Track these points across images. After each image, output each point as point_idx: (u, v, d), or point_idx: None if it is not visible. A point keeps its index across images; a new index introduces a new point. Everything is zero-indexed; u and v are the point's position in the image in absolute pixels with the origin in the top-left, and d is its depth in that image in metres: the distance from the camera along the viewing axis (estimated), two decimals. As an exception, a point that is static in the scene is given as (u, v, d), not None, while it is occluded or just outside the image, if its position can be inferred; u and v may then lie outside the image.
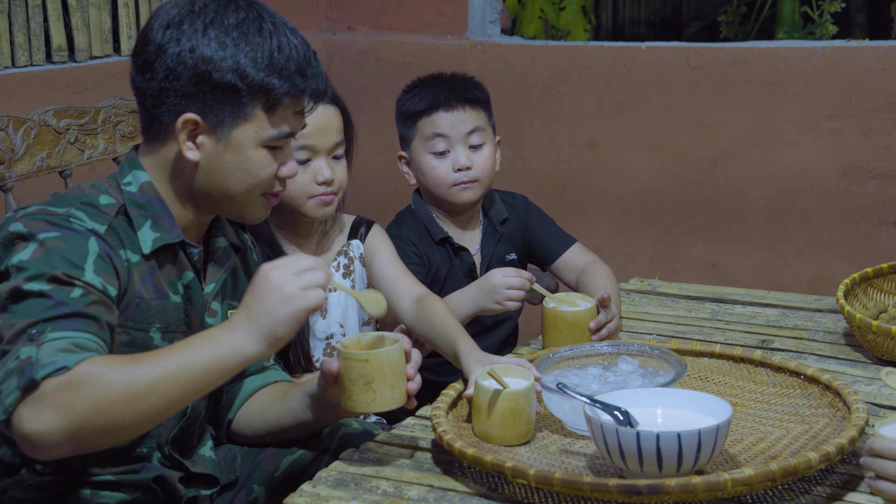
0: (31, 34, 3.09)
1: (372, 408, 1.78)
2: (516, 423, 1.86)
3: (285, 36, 1.79)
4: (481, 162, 2.55)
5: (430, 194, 2.59)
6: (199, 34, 1.75)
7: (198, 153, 1.79)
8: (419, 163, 2.57)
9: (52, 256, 1.65)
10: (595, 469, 1.79)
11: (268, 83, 1.76)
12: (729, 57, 3.57)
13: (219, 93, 1.75)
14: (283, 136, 1.81)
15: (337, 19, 4.07)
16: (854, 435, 1.73)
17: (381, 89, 3.95)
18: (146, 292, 1.79)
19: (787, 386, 2.04)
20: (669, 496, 1.61)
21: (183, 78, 1.75)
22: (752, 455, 1.81)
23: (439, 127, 2.53)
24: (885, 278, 2.48)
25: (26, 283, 1.61)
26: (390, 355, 1.78)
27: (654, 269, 3.74)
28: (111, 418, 1.55)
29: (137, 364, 1.58)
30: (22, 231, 1.68)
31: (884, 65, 3.38)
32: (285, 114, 1.80)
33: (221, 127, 1.77)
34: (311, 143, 2.27)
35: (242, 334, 1.62)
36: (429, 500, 1.71)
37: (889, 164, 3.43)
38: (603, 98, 3.73)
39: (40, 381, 1.53)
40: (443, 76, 2.63)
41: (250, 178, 1.81)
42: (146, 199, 1.81)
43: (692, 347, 2.16)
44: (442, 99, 2.54)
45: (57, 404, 1.52)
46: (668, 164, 3.70)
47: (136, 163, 1.84)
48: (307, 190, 2.28)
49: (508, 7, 4.19)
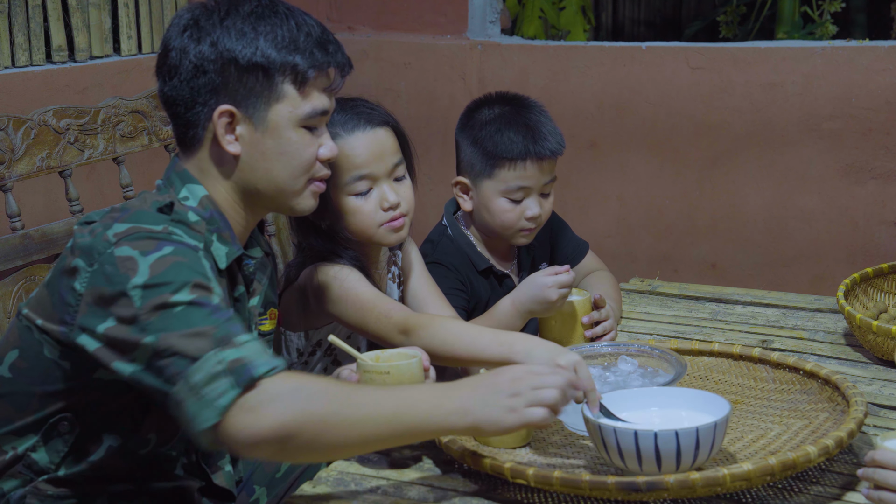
0: (31, 34, 3.09)
1: None
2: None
3: (301, 17, 1.81)
4: (548, 208, 2.50)
5: (487, 227, 2.50)
6: (217, 27, 1.76)
7: (238, 146, 1.78)
8: (488, 201, 2.46)
9: (181, 268, 1.61)
10: (594, 469, 1.79)
11: (292, 60, 1.76)
12: (729, 57, 3.57)
13: (247, 78, 1.76)
14: (318, 114, 1.81)
15: (337, 19, 4.07)
16: (853, 428, 1.74)
17: (381, 89, 3.95)
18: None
19: (786, 382, 2.04)
20: (668, 492, 1.61)
21: (210, 72, 1.75)
22: (753, 452, 1.81)
23: (526, 180, 2.43)
24: (885, 278, 2.48)
25: (172, 296, 1.58)
26: (410, 368, 1.78)
27: (654, 269, 3.74)
28: (324, 429, 1.55)
29: (356, 387, 1.63)
30: (131, 254, 1.62)
31: (884, 65, 3.38)
32: (315, 90, 1.80)
33: (256, 112, 1.77)
34: (369, 172, 2.15)
35: (456, 408, 1.60)
36: (429, 500, 1.72)
37: (889, 164, 3.43)
38: (603, 98, 3.73)
39: (258, 378, 1.53)
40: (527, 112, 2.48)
41: (294, 160, 1.80)
42: (209, 213, 1.79)
43: (691, 347, 2.16)
44: (534, 150, 2.42)
45: (276, 402, 1.52)
46: (668, 164, 3.70)
47: (187, 176, 1.81)
48: (375, 219, 2.17)
49: (508, 7, 4.19)
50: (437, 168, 3.89)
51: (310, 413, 1.54)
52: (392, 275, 2.35)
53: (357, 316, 2.09)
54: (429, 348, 1.94)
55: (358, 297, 2.10)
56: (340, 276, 2.13)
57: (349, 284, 2.12)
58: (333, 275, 2.13)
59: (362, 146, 2.15)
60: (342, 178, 2.14)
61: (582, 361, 1.81)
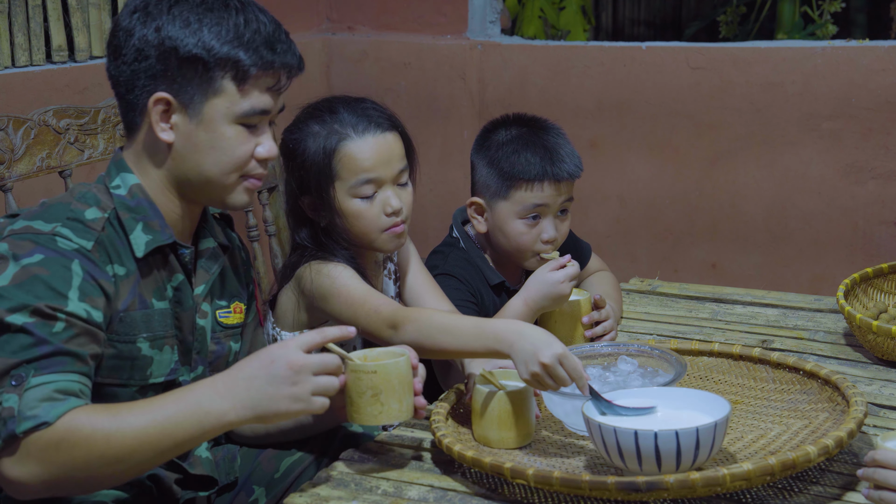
0: (31, 34, 3.09)
1: (379, 420, 1.77)
2: (512, 425, 1.85)
3: (253, 13, 1.78)
4: (564, 231, 2.47)
5: (503, 249, 2.47)
6: (164, 14, 1.75)
7: (172, 134, 1.78)
8: (504, 223, 2.42)
9: (35, 285, 1.64)
10: (594, 469, 1.79)
11: (234, 55, 1.75)
12: (729, 57, 3.57)
13: (186, 68, 1.75)
14: (257, 113, 1.79)
15: (337, 19, 4.07)
16: (853, 428, 1.74)
17: (381, 89, 3.95)
18: (130, 305, 1.78)
19: (786, 382, 2.04)
20: (668, 492, 1.61)
21: (151, 57, 1.75)
22: (753, 452, 1.81)
23: (542, 200, 2.40)
24: (885, 278, 2.48)
25: (8, 315, 1.61)
26: (398, 367, 1.77)
27: (654, 269, 3.74)
28: (90, 474, 1.60)
29: (120, 422, 1.60)
30: (5, 252, 1.67)
31: (884, 65, 3.38)
32: (257, 89, 1.78)
33: (192, 104, 1.76)
34: (376, 176, 2.15)
35: (233, 406, 1.63)
36: (429, 500, 1.71)
37: (889, 164, 3.43)
38: (603, 98, 3.73)
39: (21, 435, 1.56)
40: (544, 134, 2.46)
41: (224, 156, 1.79)
42: (136, 201, 1.80)
43: (691, 347, 2.16)
44: (551, 172, 2.39)
45: (37, 459, 1.56)
46: (668, 164, 3.70)
47: (122, 164, 1.84)
48: (378, 224, 2.17)
49: (508, 7, 4.19)
50: (437, 168, 3.89)
51: (74, 460, 1.58)
52: (388, 271, 2.35)
53: (348, 312, 2.09)
54: (417, 342, 1.95)
55: (349, 293, 2.10)
56: (333, 274, 2.13)
57: (341, 281, 2.12)
58: (326, 272, 2.13)
59: (372, 150, 2.14)
60: (348, 180, 2.14)
61: (567, 353, 1.80)
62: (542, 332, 1.86)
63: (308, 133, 2.17)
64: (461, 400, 2.01)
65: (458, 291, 2.38)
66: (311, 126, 2.17)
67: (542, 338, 1.83)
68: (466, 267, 2.46)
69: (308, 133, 2.17)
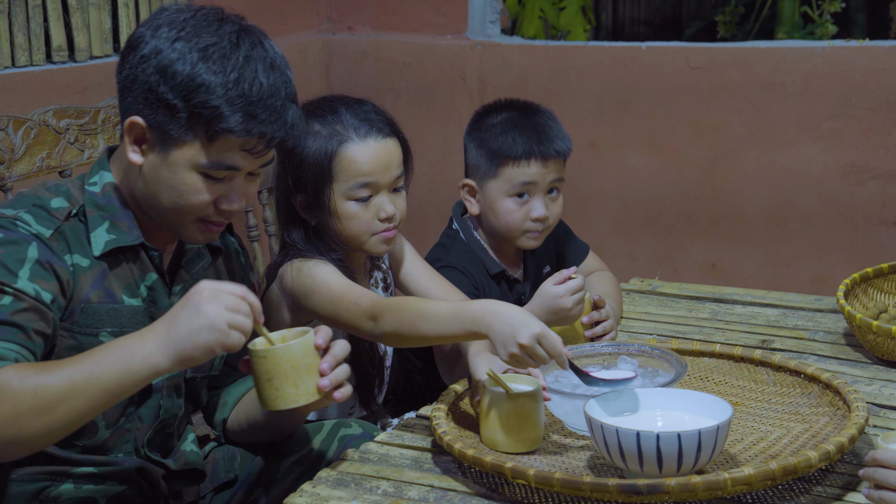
0: (31, 34, 3.09)
1: (277, 405, 1.72)
2: (522, 428, 1.83)
3: (254, 71, 1.73)
4: (556, 211, 2.49)
5: (494, 229, 2.50)
6: (168, 42, 1.72)
7: (140, 158, 1.77)
8: (494, 202, 2.46)
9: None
10: (595, 469, 1.79)
11: (210, 111, 1.71)
12: (729, 57, 3.57)
13: (164, 107, 1.73)
14: (223, 168, 1.76)
15: (337, 19, 4.07)
16: (854, 433, 1.74)
17: (381, 89, 3.95)
18: (95, 296, 1.78)
19: (787, 385, 2.04)
20: (669, 496, 1.61)
21: (139, 82, 1.74)
22: (753, 454, 1.81)
23: (530, 177, 2.43)
24: (885, 278, 2.48)
25: None
26: (288, 351, 1.71)
27: (654, 269, 3.74)
28: (19, 430, 1.58)
29: (47, 375, 1.60)
30: None
31: (884, 65, 3.38)
32: (228, 148, 1.75)
33: (163, 141, 1.75)
34: (374, 181, 2.15)
35: (157, 347, 1.63)
36: (429, 500, 1.71)
37: (889, 164, 3.43)
38: (603, 98, 3.73)
39: None
40: (535, 116, 2.50)
41: (180, 199, 1.77)
42: (107, 199, 1.81)
43: (692, 347, 2.16)
44: (538, 150, 2.43)
45: None
46: (668, 164, 3.70)
47: (104, 163, 1.85)
48: (370, 227, 2.17)
49: (508, 7, 4.19)
50: (437, 168, 3.89)
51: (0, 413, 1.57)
52: (375, 279, 2.34)
53: (329, 307, 2.08)
54: (397, 332, 1.95)
55: (329, 288, 2.09)
56: (314, 271, 2.13)
57: (321, 277, 2.12)
58: (307, 270, 2.13)
59: (371, 154, 2.14)
60: (345, 182, 2.14)
61: (545, 331, 1.80)
62: (520, 311, 1.85)
63: (308, 131, 2.17)
64: (461, 399, 2.01)
65: (460, 284, 2.39)
66: (312, 124, 2.17)
67: (520, 317, 1.83)
68: (468, 259, 2.48)
69: (308, 131, 2.17)
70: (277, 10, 3.85)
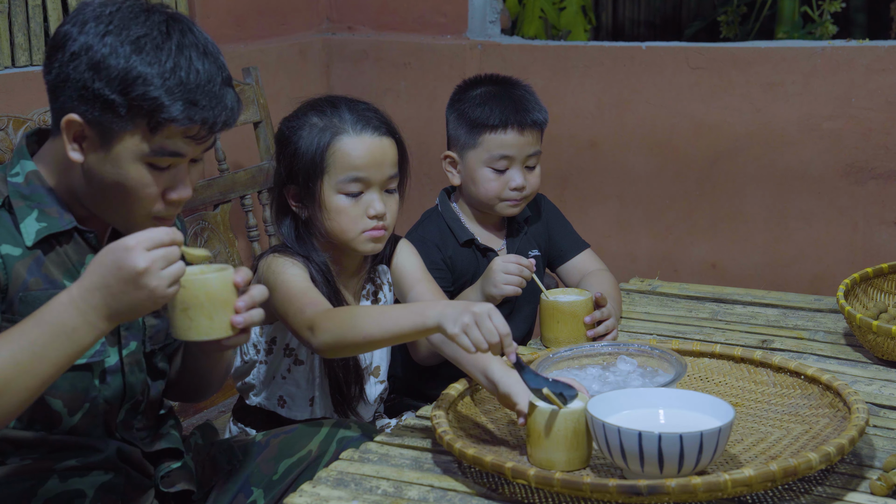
0: (31, 34, 3.09)
1: (189, 335, 1.71)
2: (580, 443, 1.77)
3: (189, 59, 1.72)
4: (533, 182, 2.57)
5: (474, 199, 2.58)
6: (98, 38, 1.70)
7: (81, 156, 1.75)
8: (473, 171, 2.54)
9: None
10: (596, 469, 1.79)
11: (150, 102, 1.69)
12: (729, 57, 3.57)
13: (101, 102, 1.70)
14: (167, 154, 1.74)
15: (337, 19, 4.07)
16: (854, 435, 1.73)
17: (381, 89, 3.95)
18: (34, 284, 1.76)
19: (787, 386, 2.04)
20: (669, 496, 1.61)
21: (71, 80, 1.71)
22: (753, 455, 1.81)
23: (508, 148, 2.51)
24: (885, 278, 2.48)
25: None
26: (206, 283, 1.70)
27: (654, 269, 3.74)
28: None
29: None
30: None
31: (884, 65, 3.38)
32: (171, 135, 1.73)
33: (104, 135, 1.73)
34: (365, 176, 2.15)
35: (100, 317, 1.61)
36: (429, 500, 1.71)
37: (889, 164, 3.43)
38: (603, 98, 3.73)
39: None
40: (513, 88, 2.58)
41: (127, 194, 1.75)
42: (31, 188, 1.79)
43: (692, 347, 2.16)
44: (515, 119, 2.51)
45: None
46: (668, 164, 3.70)
47: (23, 152, 1.82)
48: (358, 224, 2.17)
49: (508, 7, 4.19)
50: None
51: None
52: (367, 292, 2.32)
53: (281, 308, 2.08)
54: (342, 340, 1.94)
55: (287, 289, 2.09)
56: (281, 269, 2.13)
57: (284, 277, 2.11)
58: (276, 266, 2.14)
59: (365, 149, 2.15)
60: (336, 175, 2.15)
61: (495, 309, 1.82)
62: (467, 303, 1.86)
63: (306, 123, 2.19)
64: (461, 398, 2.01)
65: (428, 256, 2.45)
66: (311, 117, 2.19)
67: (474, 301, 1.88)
68: (438, 228, 2.58)
69: (306, 123, 2.19)
70: (277, 10, 3.84)
